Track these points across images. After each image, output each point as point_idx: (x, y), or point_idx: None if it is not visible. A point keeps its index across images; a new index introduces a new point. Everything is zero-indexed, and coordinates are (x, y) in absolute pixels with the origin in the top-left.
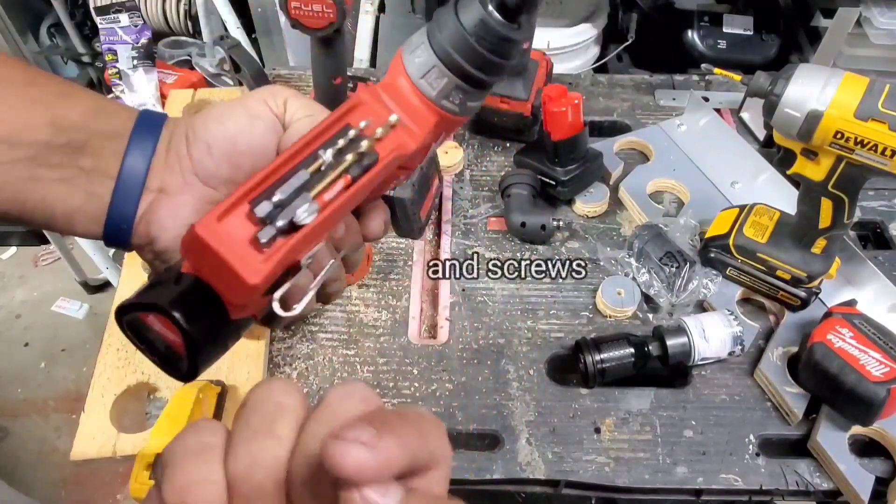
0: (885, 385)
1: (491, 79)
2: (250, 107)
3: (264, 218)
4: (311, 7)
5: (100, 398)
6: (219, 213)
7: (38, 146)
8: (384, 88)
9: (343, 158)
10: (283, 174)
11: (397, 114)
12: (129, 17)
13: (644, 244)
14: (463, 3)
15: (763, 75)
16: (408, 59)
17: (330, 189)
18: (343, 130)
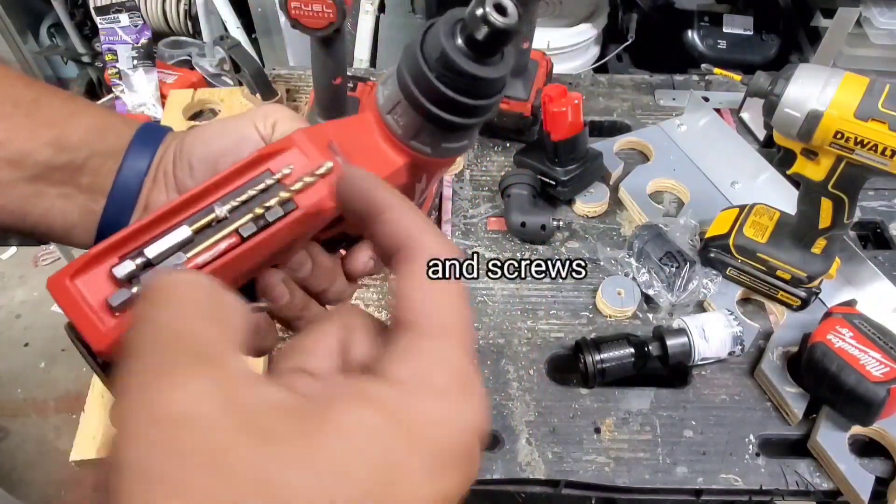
0: (885, 385)
1: (465, 120)
2: (238, 128)
3: (122, 279)
4: (311, 7)
5: (100, 398)
6: (74, 268)
7: (40, 166)
8: (349, 123)
9: (242, 213)
10: (165, 228)
11: (341, 158)
12: (129, 17)
13: (644, 244)
14: (430, 31)
15: (763, 75)
16: (379, 90)
17: (209, 250)
18: (258, 177)
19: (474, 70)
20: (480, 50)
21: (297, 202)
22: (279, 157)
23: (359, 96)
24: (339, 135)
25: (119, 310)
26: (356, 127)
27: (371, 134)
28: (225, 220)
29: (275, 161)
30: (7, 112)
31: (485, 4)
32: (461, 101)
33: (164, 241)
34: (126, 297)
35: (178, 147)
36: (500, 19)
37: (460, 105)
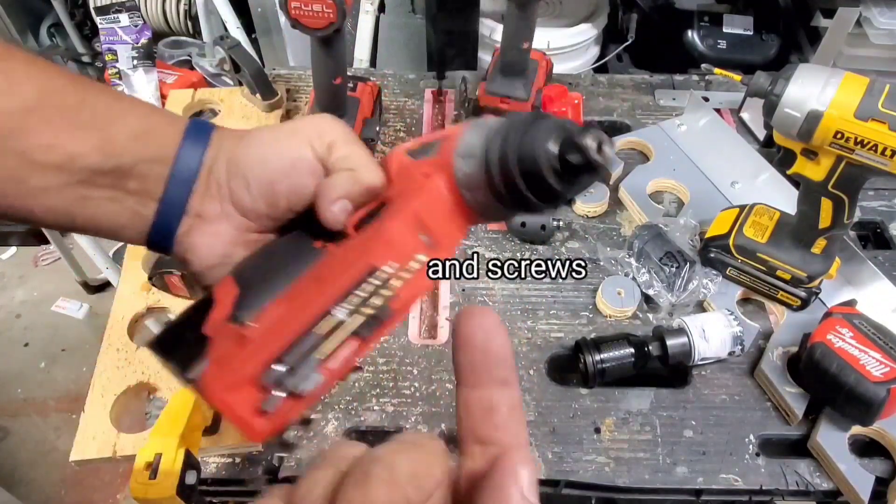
0: (885, 385)
1: (532, 213)
2: (294, 148)
3: (269, 386)
4: (311, 7)
5: (100, 398)
6: (229, 382)
7: (87, 171)
8: (423, 189)
9: (358, 315)
10: (296, 335)
11: (428, 237)
12: (129, 17)
13: (644, 244)
14: (529, 134)
15: (763, 75)
16: (458, 164)
17: (337, 354)
18: (365, 277)
19: (559, 188)
20: (570, 171)
21: (397, 295)
22: (381, 252)
23: (358, 96)
24: (423, 208)
25: (270, 413)
26: (433, 195)
27: (445, 201)
28: (344, 324)
29: (379, 255)
30: (54, 115)
31: (587, 137)
32: (537, 203)
33: (297, 349)
34: (277, 404)
35: (230, 160)
36: (595, 156)
37: (534, 205)
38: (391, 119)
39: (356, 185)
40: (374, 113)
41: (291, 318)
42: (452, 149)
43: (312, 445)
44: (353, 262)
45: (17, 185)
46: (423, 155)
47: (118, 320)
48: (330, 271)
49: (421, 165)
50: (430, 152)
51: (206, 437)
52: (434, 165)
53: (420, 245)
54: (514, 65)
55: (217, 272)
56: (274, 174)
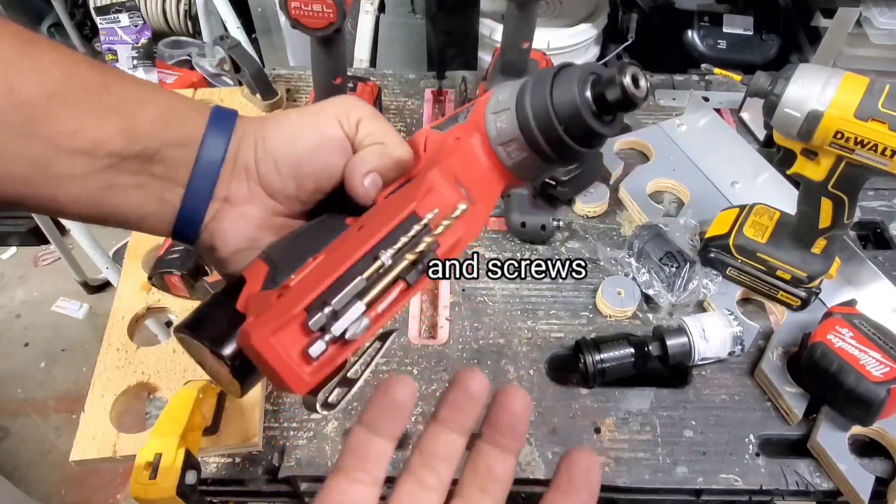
0: (885, 385)
1: (564, 162)
2: (322, 126)
3: (316, 330)
4: (311, 7)
5: (100, 398)
6: (274, 326)
7: (113, 157)
8: (464, 152)
9: (401, 259)
10: (340, 276)
11: (466, 191)
12: (129, 17)
13: (644, 244)
14: (560, 79)
15: (763, 75)
16: (490, 119)
17: (384, 299)
18: (408, 222)
19: (599, 128)
20: (606, 110)
21: (439, 242)
22: (424, 200)
23: (358, 96)
24: (458, 166)
25: (316, 360)
26: (467, 154)
27: (479, 161)
28: (389, 267)
29: (423, 203)
30: (78, 100)
31: (625, 73)
32: (576, 149)
33: (345, 292)
34: (323, 349)
35: (258, 141)
36: (634, 91)
37: (574, 151)
38: (391, 119)
39: (386, 158)
40: None
41: (335, 261)
42: (483, 109)
43: (312, 446)
44: (395, 209)
45: (42, 172)
46: (451, 125)
47: (118, 320)
48: (371, 221)
49: (452, 133)
50: (461, 119)
51: (206, 437)
52: (465, 130)
53: (460, 195)
54: (514, 65)
55: (244, 257)
56: (302, 153)
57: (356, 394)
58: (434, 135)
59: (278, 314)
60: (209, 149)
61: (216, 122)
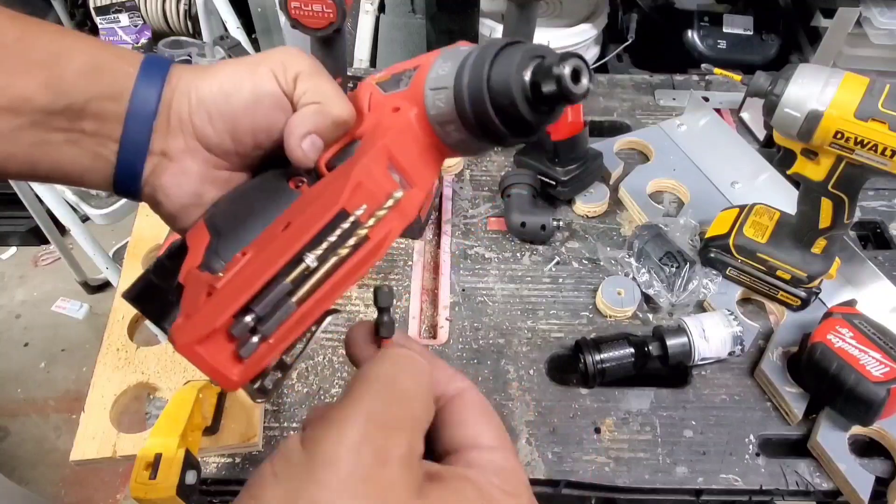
0: (885, 385)
1: (507, 145)
2: (257, 81)
3: (241, 335)
4: (311, 7)
5: (100, 398)
6: (199, 335)
7: (38, 112)
8: (399, 132)
9: (330, 257)
10: (264, 283)
11: (401, 175)
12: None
13: (644, 244)
14: (501, 60)
15: (763, 75)
16: (429, 97)
17: (310, 299)
18: (336, 220)
19: (533, 119)
20: (542, 101)
21: (370, 235)
22: (353, 197)
23: None
24: (395, 145)
25: (245, 357)
26: (405, 131)
27: (417, 138)
28: (316, 268)
29: (352, 199)
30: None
31: (564, 65)
32: (507, 135)
33: (269, 299)
34: (252, 349)
35: (191, 93)
36: (571, 86)
37: (505, 137)
38: None
39: (324, 118)
40: None
41: (260, 266)
42: (423, 81)
43: None
44: (323, 206)
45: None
46: (394, 87)
47: (118, 320)
48: (300, 216)
49: (392, 99)
50: (402, 84)
51: (206, 437)
52: (405, 99)
53: (392, 183)
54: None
55: (190, 212)
56: (237, 109)
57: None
58: (377, 94)
59: (204, 321)
60: (140, 102)
61: (147, 73)
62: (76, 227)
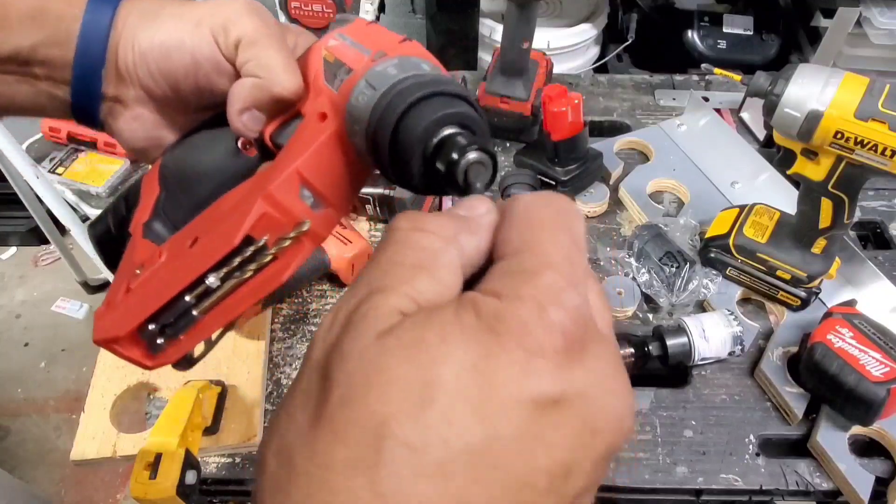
0: (885, 385)
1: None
2: (196, 44)
3: (148, 339)
4: (311, 7)
5: (100, 398)
6: (114, 333)
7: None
8: (313, 142)
9: (232, 277)
10: (169, 298)
11: (315, 196)
12: None
13: (644, 244)
14: (420, 112)
15: (763, 75)
16: (348, 122)
17: (214, 310)
18: (240, 246)
19: (420, 185)
20: (431, 174)
21: (276, 256)
22: (258, 225)
23: None
24: (307, 169)
25: (155, 354)
26: (322, 153)
27: (337, 158)
28: (218, 287)
29: (256, 228)
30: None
31: (467, 155)
32: (398, 183)
33: (170, 312)
34: (162, 347)
35: (133, 44)
36: (459, 179)
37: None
38: None
39: (264, 94)
40: None
41: (168, 277)
42: (349, 95)
43: None
44: (230, 229)
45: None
46: (331, 80)
47: None
48: (208, 234)
49: (323, 100)
50: (336, 81)
51: (206, 437)
52: (332, 106)
53: (301, 211)
54: (514, 64)
55: (150, 153)
56: (177, 70)
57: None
58: (320, 79)
59: (118, 323)
60: (86, 48)
61: (93, 15)
62: (76, 227)
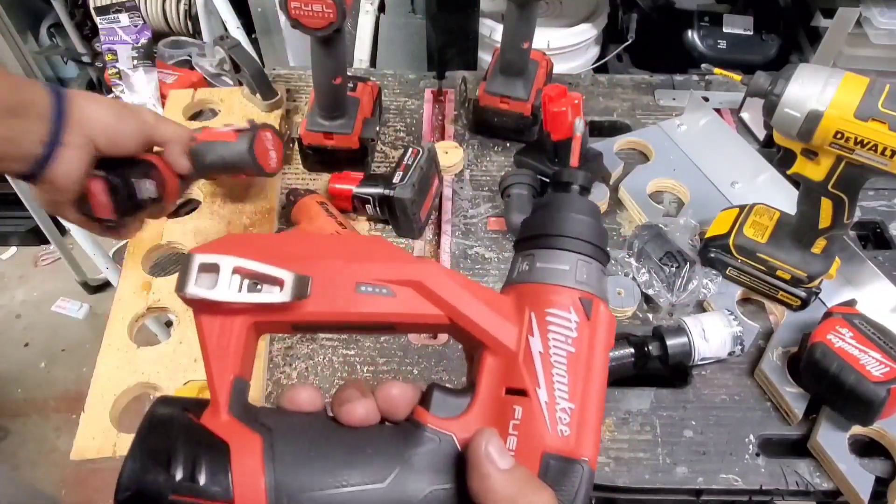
0: (885, 385)
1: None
2: (136, 117)
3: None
4: (311, 7)
5: (100, 398)
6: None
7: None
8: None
9: None
10: None
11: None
12: (129, 17)
13: (644, 244)
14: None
15: (763, 75)
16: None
17: None
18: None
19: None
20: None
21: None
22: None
23: (358, 96)
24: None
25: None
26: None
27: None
28: None
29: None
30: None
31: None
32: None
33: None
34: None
35: (85, 111)
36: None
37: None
38: (391, 119)
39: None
40: (373, 113)
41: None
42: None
43: None
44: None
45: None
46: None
47: (118, 320)
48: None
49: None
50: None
51: None
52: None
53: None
54: (514, 65)
55: (74, 204)
56: (126, 130)
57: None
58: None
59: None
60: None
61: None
62: (76, 227)
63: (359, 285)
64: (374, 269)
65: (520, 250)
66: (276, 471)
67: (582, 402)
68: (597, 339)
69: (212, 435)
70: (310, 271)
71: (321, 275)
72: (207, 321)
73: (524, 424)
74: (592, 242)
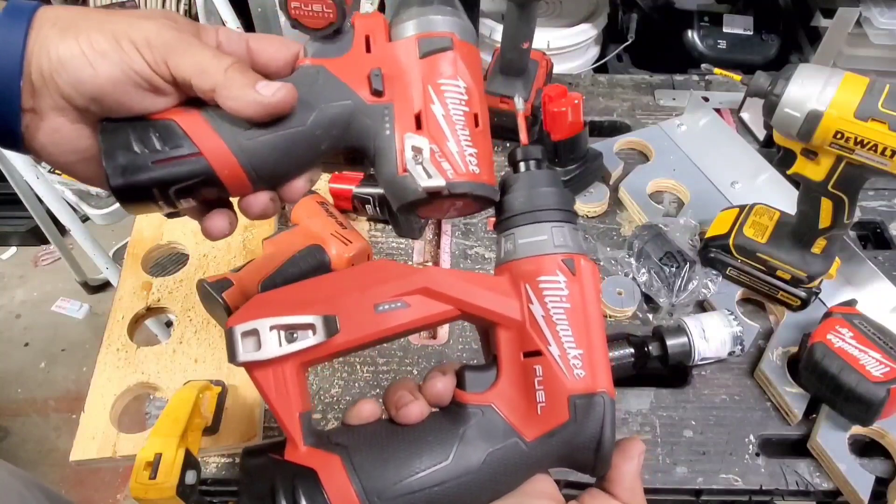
0: (885, 385)
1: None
2: (125, 59)
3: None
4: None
5: (100, 398)
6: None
7: None
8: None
9: None
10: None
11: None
12: None
13: (644, 244)
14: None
15: (763, 75)
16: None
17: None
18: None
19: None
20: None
21: None
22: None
23: None
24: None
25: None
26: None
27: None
28: None
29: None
30: None
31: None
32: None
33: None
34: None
35: (50, 51)
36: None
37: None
38: None
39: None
40: None
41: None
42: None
43: None
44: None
45: None
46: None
47: (118, 320)
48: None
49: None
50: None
51: (206, 437)
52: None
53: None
54: (514, 65)
55: (80, 168)
56: (103, 82)
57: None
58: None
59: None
60: (3, 62)
61: (7, 24)
62: (76, 227)
63: (376, 306)
64: (385, 289)
65: (500, 231)
66: (360, 479)
67: (588, 346)
68: (585, 290)
69: (299, 466)
70: (334, 309)
71: (344, 309)
72: (262, 376)
73: (546, 379)
74: (559, 208)
